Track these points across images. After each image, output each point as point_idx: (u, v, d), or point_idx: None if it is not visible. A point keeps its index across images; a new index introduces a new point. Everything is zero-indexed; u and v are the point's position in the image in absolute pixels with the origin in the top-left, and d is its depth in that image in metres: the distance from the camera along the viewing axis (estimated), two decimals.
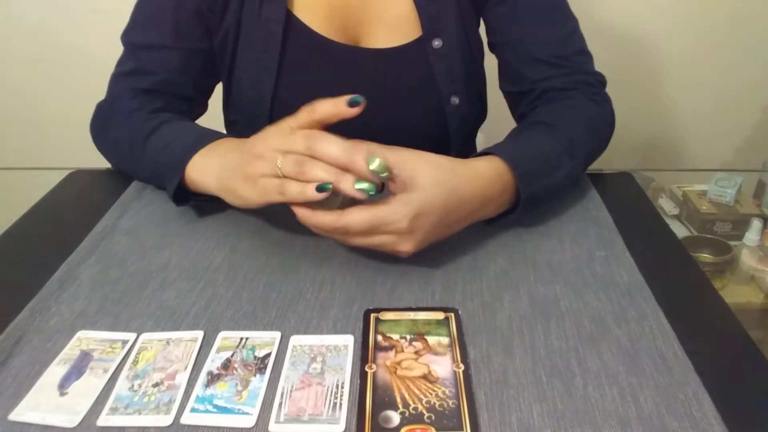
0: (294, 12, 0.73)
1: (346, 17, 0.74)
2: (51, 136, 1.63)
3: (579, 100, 0.71)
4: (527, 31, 0.74)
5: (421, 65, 0.75)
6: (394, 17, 0.75)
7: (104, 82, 0.75)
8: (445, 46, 0.75)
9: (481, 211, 0.57)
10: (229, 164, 0.56)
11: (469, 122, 0.82)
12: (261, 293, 0.53)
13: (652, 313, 0.50)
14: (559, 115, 0.69)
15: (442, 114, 0.78)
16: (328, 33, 0.74)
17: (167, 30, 0.72)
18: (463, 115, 0.79)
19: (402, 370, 0.44)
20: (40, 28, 1.54)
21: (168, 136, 0.66)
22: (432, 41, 0.74)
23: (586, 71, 0.74)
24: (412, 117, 0.78)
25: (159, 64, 0.72)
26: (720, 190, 1.36)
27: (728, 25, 1.52)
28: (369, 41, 0.76)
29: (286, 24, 0.72)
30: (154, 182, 0.70)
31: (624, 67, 1.58)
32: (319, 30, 0.74)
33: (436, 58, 0.75)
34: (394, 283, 0.54)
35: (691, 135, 1.68)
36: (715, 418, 0.40)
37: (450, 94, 0.77)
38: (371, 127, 0.77)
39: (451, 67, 0.76)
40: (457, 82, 0.77)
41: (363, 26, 0.75)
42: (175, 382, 0.44)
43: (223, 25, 0.73)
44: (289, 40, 0.73)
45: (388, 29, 0.75)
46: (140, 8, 0.74)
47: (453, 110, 0.78)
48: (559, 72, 0.73)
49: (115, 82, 0.74)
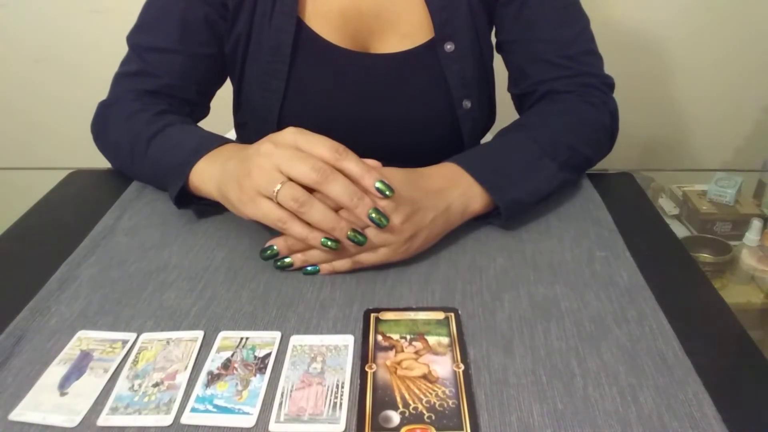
0: (305, 21, 0.72)
1: (359, 26, 0.73)
2: (51, 136, 1.63)
3: (572, 102, 0.71)
4: (534, 31, 0.73)
5: (432, 68, 0.74)
6: (406, 24, 0.73)
7: (104, 82, 0.75)
8: (457, 49, 0.73)
9: (448, 192, 0.59)
10: (228, 173, 0.56)
11: (480, 126, 0.81)
12: (261, 293, 0.53)
13: (652, 313, 0.50)
14: (545, 116, 0.69)
15: (454, 118, 0.77)
16: (339, 41, 0.73)
17: (174, 34, 0.71)
18: (475, 118, 0.78)
19: (402, 369, 0.44)
20: (40, 28, 1.54)
21: (171, 139, 0.65)
22: (444, 45, 0.73)
23: (590, 73, 0.73)
24: (424, 121, 0.77)
25: (163, 68, 0.72)
26: (720, 190, 1.36)
27: (729, 25, 1.52)
28: (380, 48, 0.74)
29: (296, 33, 0.71)
30: (154, 184, 0.70)
31: (624, 68, 1.58)
32: (330, 38, 0.72)
33: (448, 62, 0.74)
34: (394, 283, 0.54)
35: (691, 135, 1.69)
36: (715, 418, 0.40)
37: (462, 97, 0.75)
38: (384, 131, 0.78)
39: (463, 71, 0.74)
40: (469, 86, 0.75)
41: (375, 34, 0.74)
42: (175, 382, 0.44)
43: (234, 32, 0.73)
44: (299, 48, 0.72)
45: (400, 36, 0.74)
46: (147, 10, 0.74)
47: (465, 114, 0.77)
48: (562, 73, 0.72)
49: (118, 83, 0.74)
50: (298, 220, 0.51)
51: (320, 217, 0.50)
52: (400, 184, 0.54)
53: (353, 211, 0.51)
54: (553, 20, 0.73)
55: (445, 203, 0.58)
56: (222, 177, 0.57)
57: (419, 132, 0.78)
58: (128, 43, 0.74)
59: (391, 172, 0.56)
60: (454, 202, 0.58)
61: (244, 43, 0.73)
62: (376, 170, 0.52)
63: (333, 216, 0.51)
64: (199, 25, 0.72)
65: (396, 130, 0.78)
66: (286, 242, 0.55)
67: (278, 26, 0.71)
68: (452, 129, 0.78)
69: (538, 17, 0.73)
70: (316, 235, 0.52)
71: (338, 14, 0.72)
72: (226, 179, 0.55)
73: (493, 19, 0.76)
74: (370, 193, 0.51)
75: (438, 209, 0.57)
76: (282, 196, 0.50)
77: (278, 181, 0.50)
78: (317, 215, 0.50)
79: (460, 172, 0.61)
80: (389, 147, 0.79)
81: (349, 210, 0.51)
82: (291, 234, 0.52)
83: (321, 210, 0.50)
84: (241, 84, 0.77)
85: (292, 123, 0.77)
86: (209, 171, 0.59)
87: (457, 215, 0.59)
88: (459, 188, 0.59)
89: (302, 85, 0.74)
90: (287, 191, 0.50)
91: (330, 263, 0.55)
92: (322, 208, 0.51)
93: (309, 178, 0.50)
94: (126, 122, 0.69)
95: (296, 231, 0.51)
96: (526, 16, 0.73)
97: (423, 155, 0.81)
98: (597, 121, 0.71)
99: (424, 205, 0.56)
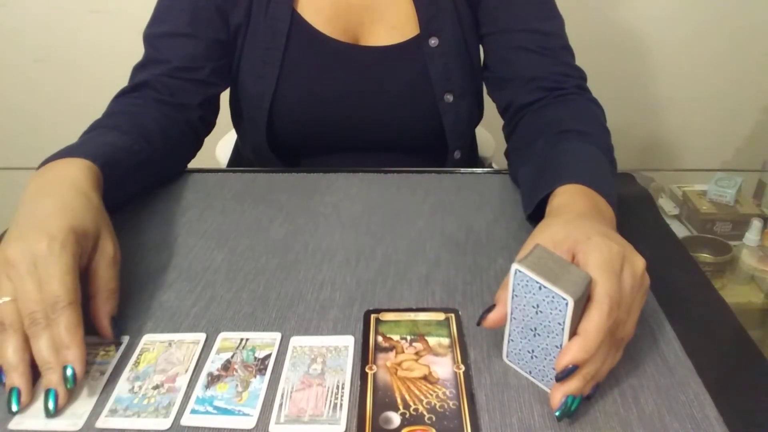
0: (299, 11, 0.76)
1: (349, 17, 0.77)
2: (51, 136, 1.62)
3: (583, 103, 0.72)
4: (516, 21, 0.76)
5: (417, 63, 0.78)
6: (394, 17, 0.77)
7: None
8: (441, 45, 0.77)
9: (602, 215, 0.51)
10: (18, 217, 0.48)
11: (464, 119, 0.83)
12: (261, 294, 0.53)
13: (652, 313, 0.50)
14: (585, 122, 0.67)
15: (436, 110, 0.80)
16: (330, 32, 0.76)
17: (184, 19, 0.74)
18: (458, 112, 0.81)
19: (402, 371, 0.44)
20: (40, 28, 1.54)
21: (88, 137, 0.65)
22: (429, 40, 0.77)
23: (569, 64, 0.76)
24: (408, 112, 0.81)
25: (173, 51, 0.74)
26: (720, 190, 1.36)
27: (729, 25, 1.52)
28: (369, 40, 0.78)
29: (290, 22, 0.75)
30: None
31: (624, 68, 1.58)
32: (322, 29, 0.76)
33: (432, 57, 0.77)
34: (394, 284, 0.54)
35: (691, 135, 1.69)
36: (717, 419, 0.40)
37: (444, 91, 0.79)
38: (370, 121, 0.80)
39: (446, 66, 0.78)
40: (452, 81, 0.79)
41: (364, 26, 0.78)
42: (175, 385, 0.44)
43: (234, 22, 0.76)
44: (292, 37, 0.76)
45: (388, 28, 0.77)
46: (159, 3, 0.76)
47: (446, 107, 0.80)
48: (545, 61, 0.74)
49: (130, 76, 0.76)
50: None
51: (12, 355, 0.43)
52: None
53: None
54: (533, 12, 0.76)
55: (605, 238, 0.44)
56: (21, 208, 0.50)
57: (404, 123, 0.81)
58: (143, 37, 0.76)
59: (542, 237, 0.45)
60: (603, 229, 0.46)
61: (243, 31, 0.76)
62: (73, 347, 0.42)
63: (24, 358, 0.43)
64: (210, 13, 0.74)
65: (381, 120, 0.81)
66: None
67: (274, 15, 0.75)
68: (435, 120, 0.81)
69: (519, 9, 0.76)
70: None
71: (330, 5, 0.76)
72: (20, 215, 0.49)
73: (477, 13, 0.79)
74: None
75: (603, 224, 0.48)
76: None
77: (4, 290, 0.44)
78: (9, 352, 0.43)
79: (591, 193, 0.53)
80: (375, 136, 0.82)
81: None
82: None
83: (15, 347, 0.43)
84: (238, 72, 0.79)
85: (284, 110, 0.78)
86: (31, 183, 0.53)
87: (611, 227, 0.51)
88: (598, 212, 0.51)
89: (294, 74, 0.77)
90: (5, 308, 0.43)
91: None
92: (17, 346, 0.43)
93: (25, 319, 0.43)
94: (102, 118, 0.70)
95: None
96: (508, 7, 0.76)
97: (407, 145, 0.83)
98: (604, 118, 0.72)
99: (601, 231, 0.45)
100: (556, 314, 0.39)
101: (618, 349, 0.43)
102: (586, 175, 0.55)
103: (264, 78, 0.77)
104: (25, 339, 0.43)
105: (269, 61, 0.76)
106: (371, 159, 0.83)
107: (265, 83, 0.77)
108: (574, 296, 0.38)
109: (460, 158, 0.85)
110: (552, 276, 0.39)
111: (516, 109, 0.76)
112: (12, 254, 0.44)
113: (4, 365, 0.42)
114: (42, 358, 0.42)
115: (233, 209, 0.67)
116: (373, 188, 0.71)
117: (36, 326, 0.42)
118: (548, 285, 0.39)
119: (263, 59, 0.76)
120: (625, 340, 0.43)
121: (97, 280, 0.48)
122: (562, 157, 0.60)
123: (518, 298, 0.41)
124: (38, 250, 0.44)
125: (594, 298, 0.40)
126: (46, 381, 0.42)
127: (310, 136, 0.82)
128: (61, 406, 0.41)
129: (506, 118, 0.79)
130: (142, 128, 0.67)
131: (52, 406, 0.41)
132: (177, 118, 0.73)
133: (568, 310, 0.38)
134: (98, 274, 0.48)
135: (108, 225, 0.52)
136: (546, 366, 0.42)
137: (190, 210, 0.66)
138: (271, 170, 0.76)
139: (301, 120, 0.80)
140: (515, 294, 0.41)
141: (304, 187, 0.71)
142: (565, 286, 0.39)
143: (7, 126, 1.67)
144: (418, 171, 0.75)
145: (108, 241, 0.50)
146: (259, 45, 0.76)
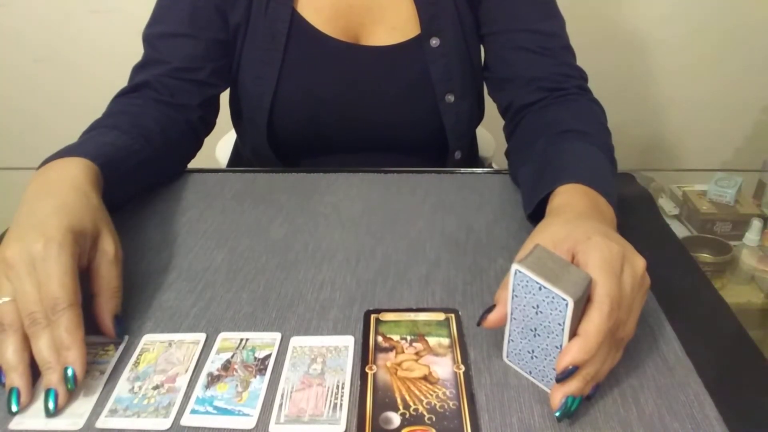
0: (299, 11, 0.75)
1: (349, 17, 0.77)
2: (51, 136, 1.62)
3: (584, 103, 0.72)
4: (517, 22, 0.75)
5: (417, 63, 0.78)
6: (395, 18, 0.77)
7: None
8: (442, 45, 0.77)
9: (602, 215, 0.51)
10: (18, 216, 0.48)
11: (464, 119, 0.83)
12: (261, 294, 0.53)
13: (652, 313, 0.50)
14: (588, 121, 0.67)
15: (436, 111, 0.80)
16: (330, 32, 0.76)
17: (183, 19, 0.74)
18: (459, 112, 0.81)
19: (402, 371, 0.44)
20: (40, 28, 1.54)
21: (88, 136, 0.64)
22: (429, 40, 0.76)
23: (570, 64, 0.76)
24: (409, 112, 0.81)
25: (172, 52, 0.74)
26: (720, 190, 1.36)
27: (729, 25, 1.52)
28: (369, 40, 0.78)
29: (290, 22, 0.74)
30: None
31: (624, 68, 1.58)
32: (322, 28, 0.76)
33: (433, 57, 0.77)
34: (394, 284, 0.54)
35: (691, 135, 1.69)
36: (717, 419, 0.40)
37: (445, 91, 0.79)
38: (370, 121, 0.80)
39: (447, 66, 0.78)
40: (452, 81, 0.79)
41: (365, 26, 0.77)
42: (175, 385, 0.44)
43: (234, 21, 0.75)
44: (292, 37, 0.75)
45: (389, 29, 0.77)
46: (159, 3, 0.76)
47: (447, 107, 0.80)
48: (545, 62, 0.74)
49: (130, 77, 0.76)
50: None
51: (12, 356, 0.43)
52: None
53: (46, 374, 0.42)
54: (534, 13, 0.75)
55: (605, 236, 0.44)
56: (21, 206, 0.50)
57: (404, 123, 0.81)
58: (142, 37, 0.76)
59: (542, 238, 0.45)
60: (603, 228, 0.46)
61: (242, 31, 0.76)
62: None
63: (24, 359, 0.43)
64: (210, 12, 0.74)
65: (382, 120, 0.81)
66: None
67: (273, 15, 0.74)
68: (435, 120, 0.81)
69: (520, 9, 0.75)
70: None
71: (330, 5, 0.76)
72: (20, 215, 0.49)
73: (478, 13, 0.79)
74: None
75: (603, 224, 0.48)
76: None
77: (4, 290, 0.44)
78: (9, 353, 0.43)
79: (591, 192, 0.53)
80: (375, 137, 0.82)
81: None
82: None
83: (14, 348, 0.43)
84: (238, 72, 0.79)
85: (284, 110, 0.78)
86: (31, 183, 0.53)
87: (611, 227, 0.51)
88: (599, 211, 0.51)
89: (294, 74, 0.77)
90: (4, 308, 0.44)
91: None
92: (15, 347, 0.43)
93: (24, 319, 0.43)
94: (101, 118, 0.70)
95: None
96: (508, 7, 0.76)
97: (407, 145, 0.83)
98: (605, 118, 0.72)
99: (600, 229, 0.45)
100: (556, 315, 0.39)
101: (618, 350, 0.43)
102: (586, 174, 0.55)
103: (264, 78, 0.77)
104: (24, 339, 0.43)
105: (269, 61, 0.76)
106: (371, 159, 0.83)
107: (265, 83, 0.77)
108: (574, 297, 0.38)
109: (460, 158, 0.85)
110: (552, 276, 0.39)
111: (516, 110, 0.76)
112: (11, 255, 0.44)
113: (4, 365, 0.42)
114: (42, 357, 0.42)
115: (233, 209, 0.67)
116: (373, 188, 0.71)
117: (36, 326, 0.42)
118: (548, 285, 0.39)
119: (263, 59, 0.76)
120: (625, 341, 0.43)
121: (99, 279, 0.48)
122: (563, 157, 0.60)
123: (518, 298, 0.41)
124: (36, 250, 0.44)
125: (594, 299, 0.40)
126: (46, 381, 0.42)
127: (310, 136, 0.82)
128: (61, 406, 0.41)
129: (507, 118, 0.79)
130: (142, 128, 0.67)
131: (52, 406, 0.41)
132: (177, 119, 0.73)
133: (568, 310, 0.38)
134: (100, 273, 0.48)
135: (108, 224, 0.52)
136: (546, 366, 0.42)
137: (190, 210, 0.66)
138: (271, 170, 0.76)
139: (301, 120, 0.80)
140: (515, 294, 0.41)
141: (304, 187, 0.71)
142: (565, 286, 0.38)
143: (7, 126, 1.67)
144: (418, 171, 0.75)
145: (109, 240, 0.50)
146: (258, 45, 0.76)
